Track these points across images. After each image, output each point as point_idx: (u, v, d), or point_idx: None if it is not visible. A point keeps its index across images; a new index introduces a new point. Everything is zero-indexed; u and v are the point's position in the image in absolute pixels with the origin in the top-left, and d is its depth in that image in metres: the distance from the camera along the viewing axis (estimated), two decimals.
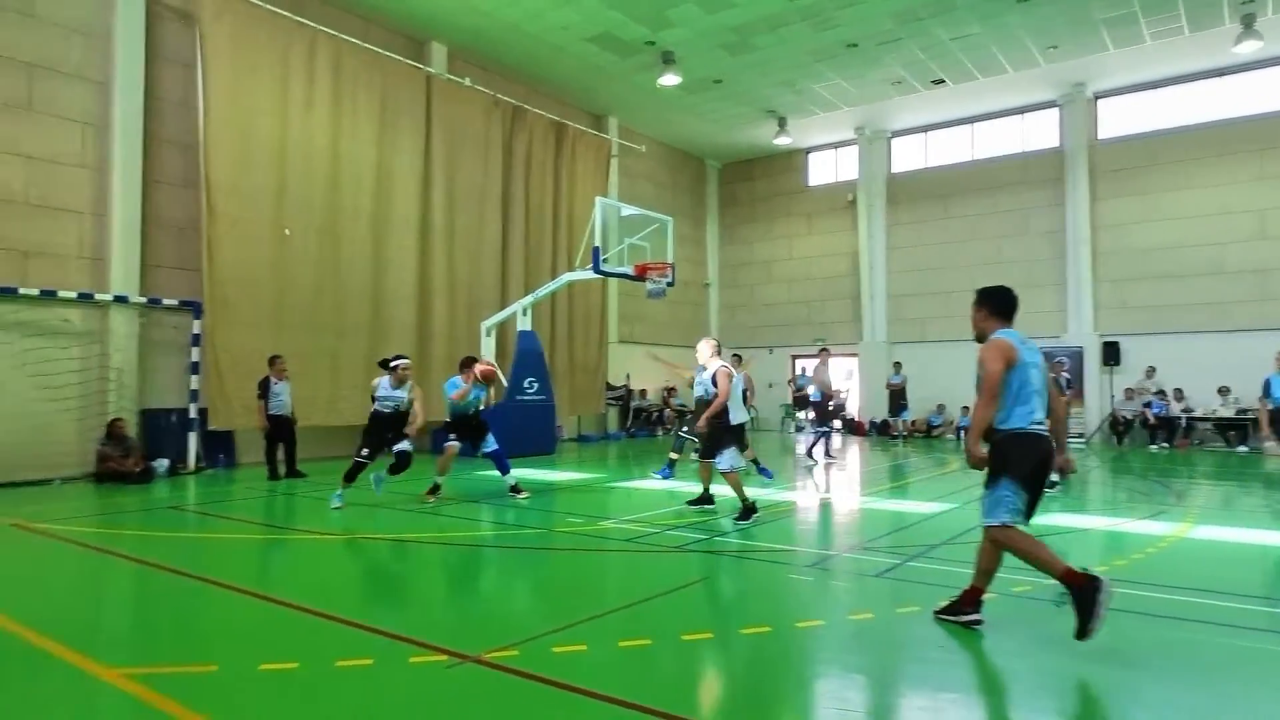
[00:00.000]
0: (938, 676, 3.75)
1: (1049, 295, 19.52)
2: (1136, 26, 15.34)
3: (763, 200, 24.30)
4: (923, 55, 16.64)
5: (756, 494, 8.89)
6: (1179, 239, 17.95)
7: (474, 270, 16.46)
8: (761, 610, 4.88)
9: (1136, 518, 8.18)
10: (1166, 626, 4.56)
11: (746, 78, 17.87)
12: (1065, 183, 19.21)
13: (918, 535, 7.18)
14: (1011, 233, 20.16)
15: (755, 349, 23.01)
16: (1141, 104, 18.73)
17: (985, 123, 20.76)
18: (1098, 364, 18.41)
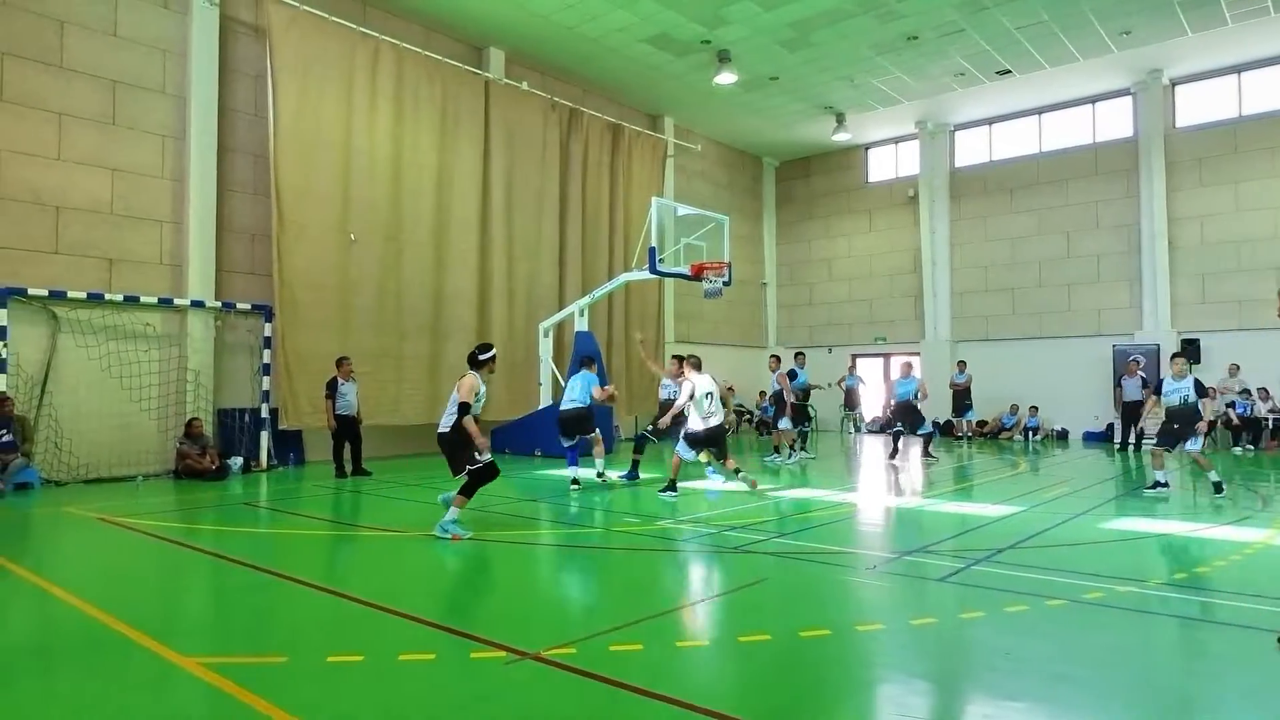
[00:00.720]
0: (1003, 684, 3.64)
1: (1121, 291, 18.77)
2: (1216, 6, 14.63)
3: (821, 198, 23.98)
4: (987, 45, 16.19)
5: (805, 494, 8.76)
6: (1263, 231, 17.07)
7: (532, 271, 16.66)
8: (820, 613, 4.82)
9: (1220, 523, 7.81)
10: (1249, 636, 4.34)
11: (804, 74, 17.66)
12: (1139, 174, 18.44)
13: (982, 539, 6.98)
14: (1082, 227, 19.45)
15: (814, 348, 22.71)
16: (1222, 89, 17.85)
17: (1053, 113, 20.07)
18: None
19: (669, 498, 9.27)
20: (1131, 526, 7.60)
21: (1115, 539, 7.05)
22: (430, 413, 14.54)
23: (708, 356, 22.71)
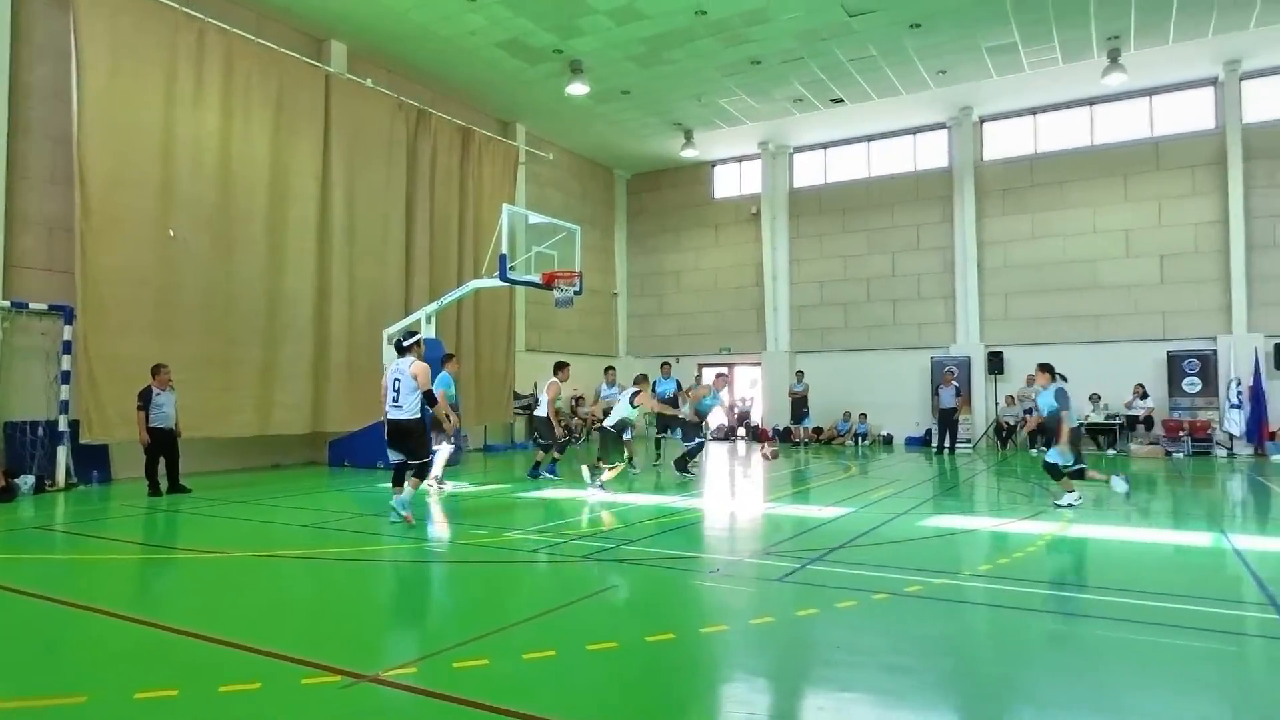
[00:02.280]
0: (837, 677, 3.85)
1: (939, 307, 20.50)
2: (1016, 55, 16.35)
3: (671, 211, 24.60)
4: (822, 74, 17.24)
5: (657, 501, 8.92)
6: (1057, 255, 19.20)
7: (376, 276, 15.98)
8: (666, 617, 4.90)
9: (1018, 518, 8.65)
10: (1049, 621, 4.83)
11: (655, 90, 18.08)
12: (954, 201, 20.25)
13: (817, 539, 7.37)
14: (906, 247, 21.09)
15: (664, 358, 23.21)
16: (1022, 128, 19.97)
17: (880, 141, 21.67)
18: (984, 372, 19.44)
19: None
20: (946, 523, 8.28)
21: (932, 535, 7.65)
22: (262, 424, 13.61)
23: None
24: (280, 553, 6.85)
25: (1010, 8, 14.28)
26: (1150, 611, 4.97)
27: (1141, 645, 4.31)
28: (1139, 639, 4.41)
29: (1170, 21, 14.93)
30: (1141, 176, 18.44)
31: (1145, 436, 17.34)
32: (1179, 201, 18.07)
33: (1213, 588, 5.68)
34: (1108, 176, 18.77)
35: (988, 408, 19.40)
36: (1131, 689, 3.66)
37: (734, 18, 14.60)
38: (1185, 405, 17.42)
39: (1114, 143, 18.82)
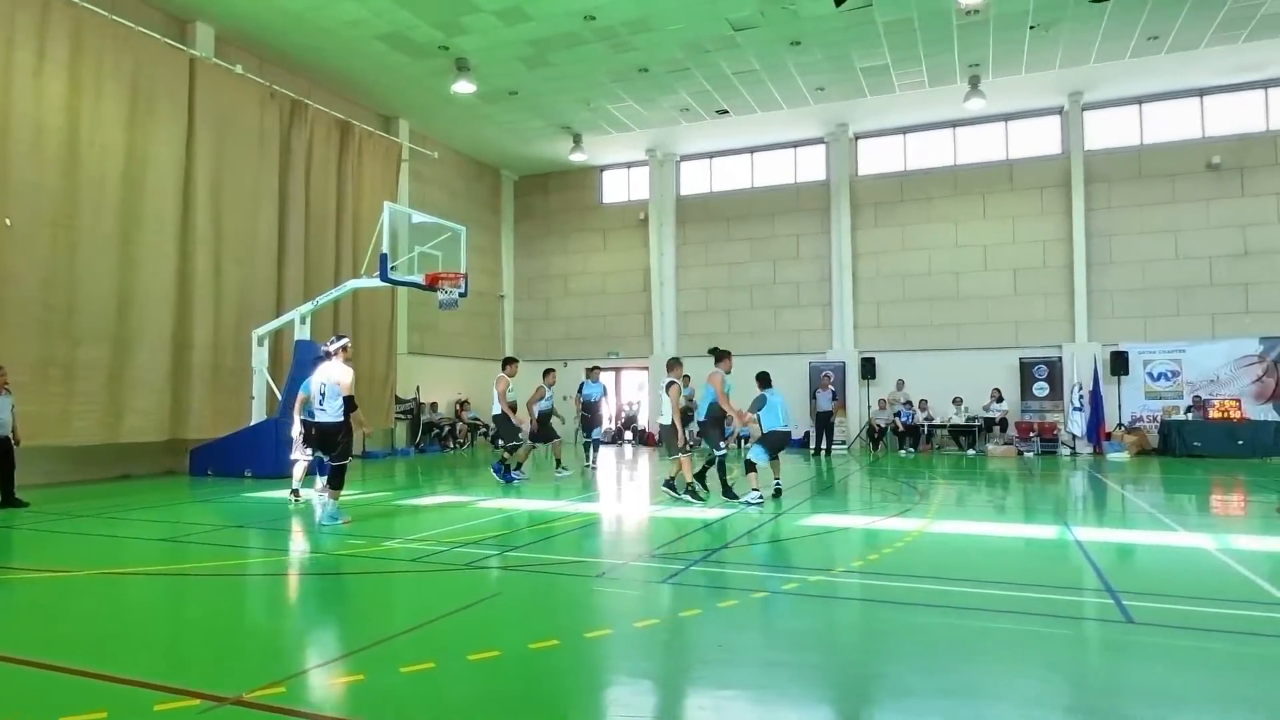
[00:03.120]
0: (718, 676, 3.92)
1: (816, 315, 21.35)
2: (888, 77, 17.27)
3: (559, 214, 24.51)
4: (708, 85, 17.63)
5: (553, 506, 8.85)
6: (923, 267, 20.38)
7: (245, 274, 15.11)
8: (551, 624, 4.86)
9: (888, 515, 9.11)
10: (916, 613, 5.09)
11: (543, 92, 17.98)
12: (831, 213, 21.15)
13: (701, 540, 7.51)
14: (786, 256, 21.84)
15: (551, 361, 23.07)
16: (893, 146, 21.11)
17: (763, 153, 22.38)
18: (858, 377, 20.38)
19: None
20: (822, 522, 8.61)
21: (809, 534, 7.94)
22: (111, 431, 12.59)
23: (443, 369, 22.17)
24: (131, 570, 6.35)
25: (882, 32, 15.06)
26: (1003, 600, 5.34)
27: (994, 632, 4.62)
28: (992, 626, 4.72)
29: (1023, 54, 16.16)
30: (998, 195, 19.86)
31: (1000, 437, 18.65)
32: (1030, 220, 19.57)
33: (1057, 577, 6.15)
34: (968, 194, 20.11)
35: (861, 411, 20.34)
36: (983, 673, 3.91)
37: (621, 25, 14.72)
38: (1035, 408, 18.87)
39: (974, 163, 20.18)
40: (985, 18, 14.52)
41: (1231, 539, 7.46)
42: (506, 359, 13.02)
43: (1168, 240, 18.47)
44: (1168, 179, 18.51)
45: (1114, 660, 4.20)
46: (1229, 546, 7.03)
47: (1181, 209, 18.37)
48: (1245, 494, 11.39)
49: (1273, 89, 17.99)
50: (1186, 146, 18.41)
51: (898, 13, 14.34)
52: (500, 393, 12.16)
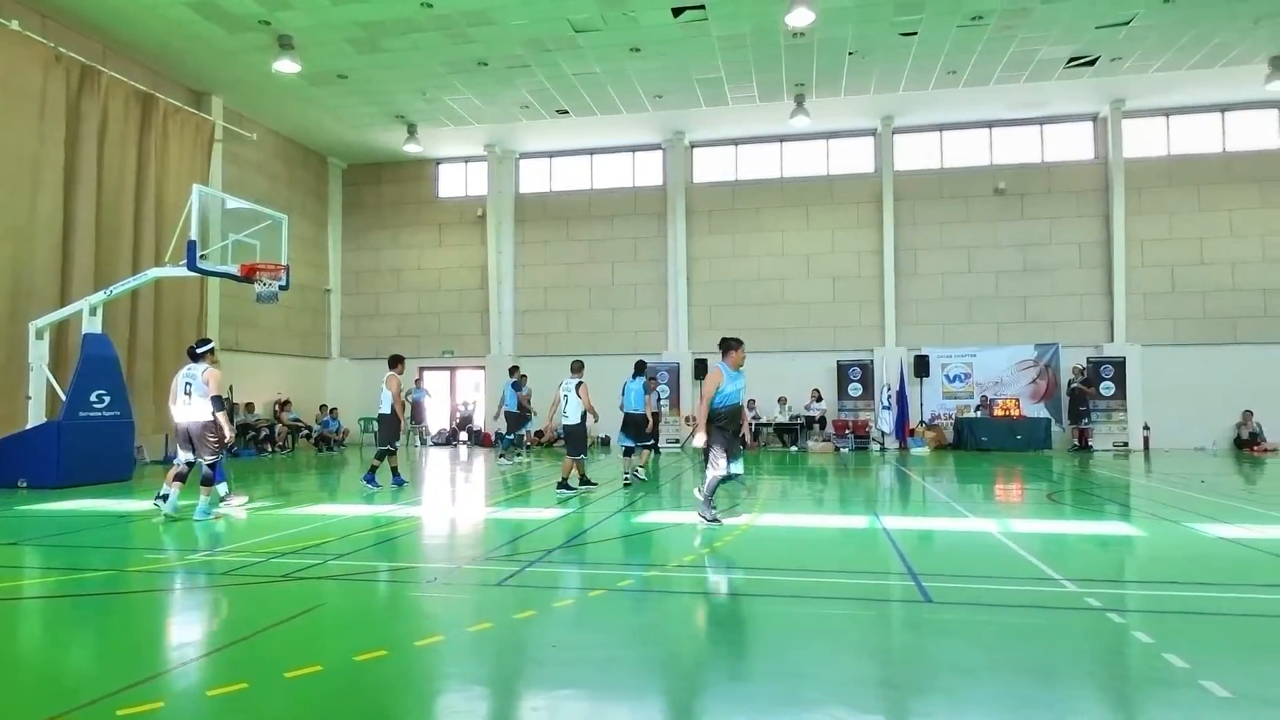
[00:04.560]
0: (554, 676, 3.90)
1: (653, 316, 21.86)
2: (722, 89, 17.98)
3: (392, 207, 23.54)
4: (548, 84, 17.58)
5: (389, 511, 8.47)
6: (753, 273, 21.40)
7: (21, 257, 13.35)
8: (378, 633, 4.65)
9: (718, 511, 9.45)
10: (745, 603, 5.32)
11: (375, 78, 17.19)
12: (667, 217, 21.73)
13: (537, 541, 7.46)
14: (624, 258, 22.19)
15: (382, 360, 22.11)
16: (726, 156, 22.01)
17: (603, 155, 22.61)
18: (691, 378, 21.05)
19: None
20: (657, 519, 8.81)
21: (645, 530, 8.10)
22: None
23: (261, 367, 20.69)
24: None
25: (717, 46, 15.66)
26: (822, 587, 5.70)
27: (814, 617, 4.92)
28: (812, 612, 5.03)
29: (843, 77, 17.36)
30: (820, 208, 21.22)
31: (820, 435, 19.93)
32: (847, 232, 21.06)
33: (868, 563, 6.65)
34: (793, 206, 21.34)
35: (693, 411, 21.01)
36: (805, 656, 4.15)
37: (460, 15, 14.36)
38: (850, 407, 20.32)
39: (800, 177, 21.45)
40: (810, 41, 15.46)
41: (1011, 523, 8.38)
42: (394, 357, 12.29)
43: (962, 256, 20.49)
44: (963, 200, 20.54)
45: (916, 637, 4.59)
46: (1009, 530, 7.89)
47: (974, 228, 20.44)
48: (1022, 483, 12.84)
49: (1047, 125, 20.44)
50: (978, 172, 20.52)
51: (731, 28, 14.96)
52: (395, 393, 11.74)
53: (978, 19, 14.70)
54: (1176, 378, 19.14)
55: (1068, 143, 20.44)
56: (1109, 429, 19.21)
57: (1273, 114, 19.45)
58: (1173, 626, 4.65)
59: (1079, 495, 11.32)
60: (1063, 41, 15.72)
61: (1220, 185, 19.47)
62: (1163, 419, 19.16)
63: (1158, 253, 19.63)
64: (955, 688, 3.70)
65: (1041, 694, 3.58)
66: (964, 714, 3.40)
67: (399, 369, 12.16)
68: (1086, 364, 19.32)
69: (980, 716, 3.38)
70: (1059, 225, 20.13)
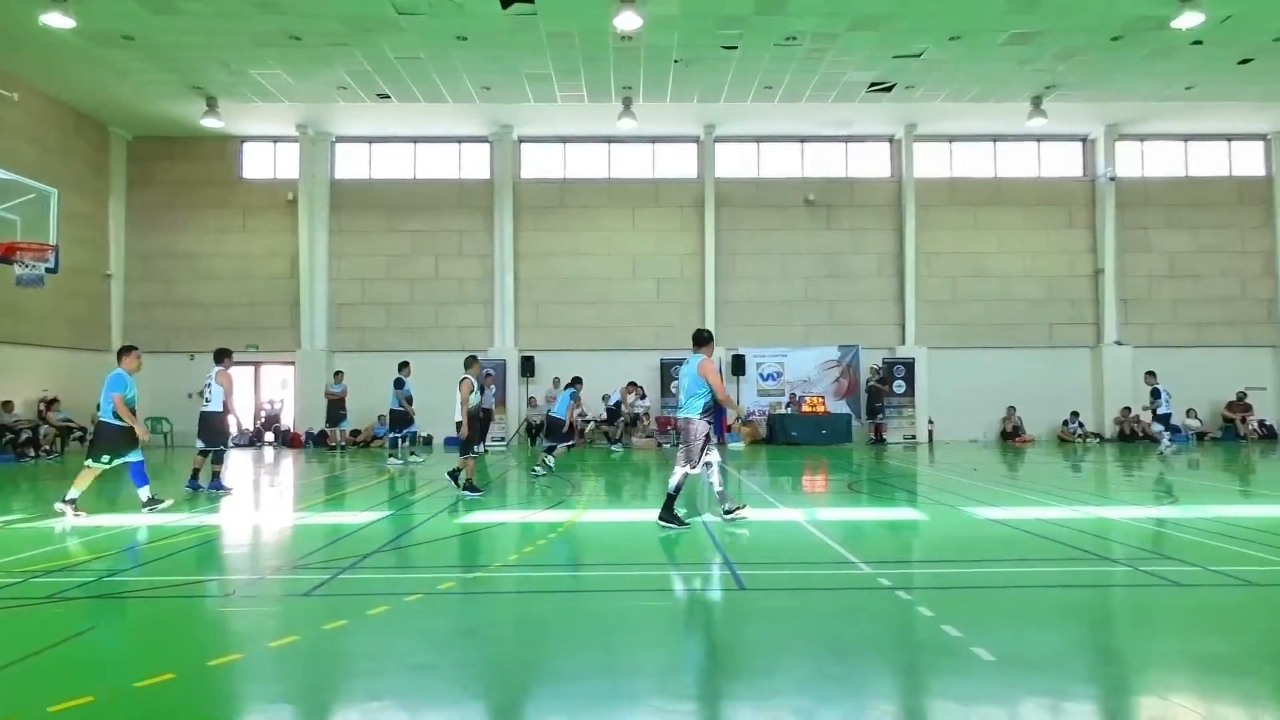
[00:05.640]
0: (366, 687, 3.71)
1: (478, 312, 21.43)
2: (551, 86, 17.93)
3: (188, 186, 21.45)
4: (368, 66, 16.74)
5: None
6: (580, 272, 21.53)
7: None
8: (164, 656, 4.21)
9: (542, 509, 9.44)
10: (568, 600, 5.32)
11: (169, 43, 15.59)
12: (494, 212, 21.37)
13: (350, 547, 7.08)
14: (449, 252, 21.59)
15: (174, 354, 20.12)
16: (555, 153, 21.99)
17: (427, 144, 21.86)
18: (517, 375, 20.85)
19: None
20: (479, 519, 8.64)
21: (467, 531, 7.92)
22: None
23: (24, 361, 18.20)
24: None
25: (546, 42, 15.59)
26: (644, 580, 5.83)
27: (637, 610, 5.02)
28: (635, 605, 5.13)
29: (669, 84, 17.86)
30: (646, 210, 21.72)
31: (643, 431, 20.39)
32: (672, 235, 21.71)
33: (687, 554, 6.87)
34: (620, 207, 21.70)
35: (520, 408, 20.85)
36: (628, 649, 4.23)
37: None
38: (672, 404, 20.90)
39: (627, 178, 21.84)
40: (638, 45, 15.77)
41: (816, 512, 9.00)
42: (221, 351, 11.11)
43: (776, 261, 21.74)
44: (778, 209, 21.79)
45: (732, 622, 4.81)
46: (814, 518, 8.47)
47: (787, 236, 21.75)
48: (827, 474, 13.83)
49: (851, 143, 22.13)
50: (791, 183, 21.85)
51: (560, 26, 14.95)
52: (227, 390, 10.66)
53: (792, 39, 15.64)
54: (956, 378, 21.37)
55: (869, 161, 22.25)
56: (900, 424, 21.12)
57: (1033, 147, 22.21)
58: (950, 600, 5.18)
59: (874, 484, 12.35)
60: (865, 67, 17.07)
61: (992, 207, 21.95)
62: (944, 414, 21.32)
63: (942, 265, 21.82)
64: (766, 668, 3.90)
65: (842, 669, 3.86)
66: (774, 693, 3.60)
67: (228, 363, 11.10)
68: (882, 364, 21.13)
69: (788, 693, 3.59)
70: (861, 236, 21.85)
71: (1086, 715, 3.42)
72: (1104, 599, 5.45)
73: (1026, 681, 3.65)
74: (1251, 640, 4.37)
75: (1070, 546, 6.75)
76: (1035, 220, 21.93)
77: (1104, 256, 21.50)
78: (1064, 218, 21.93)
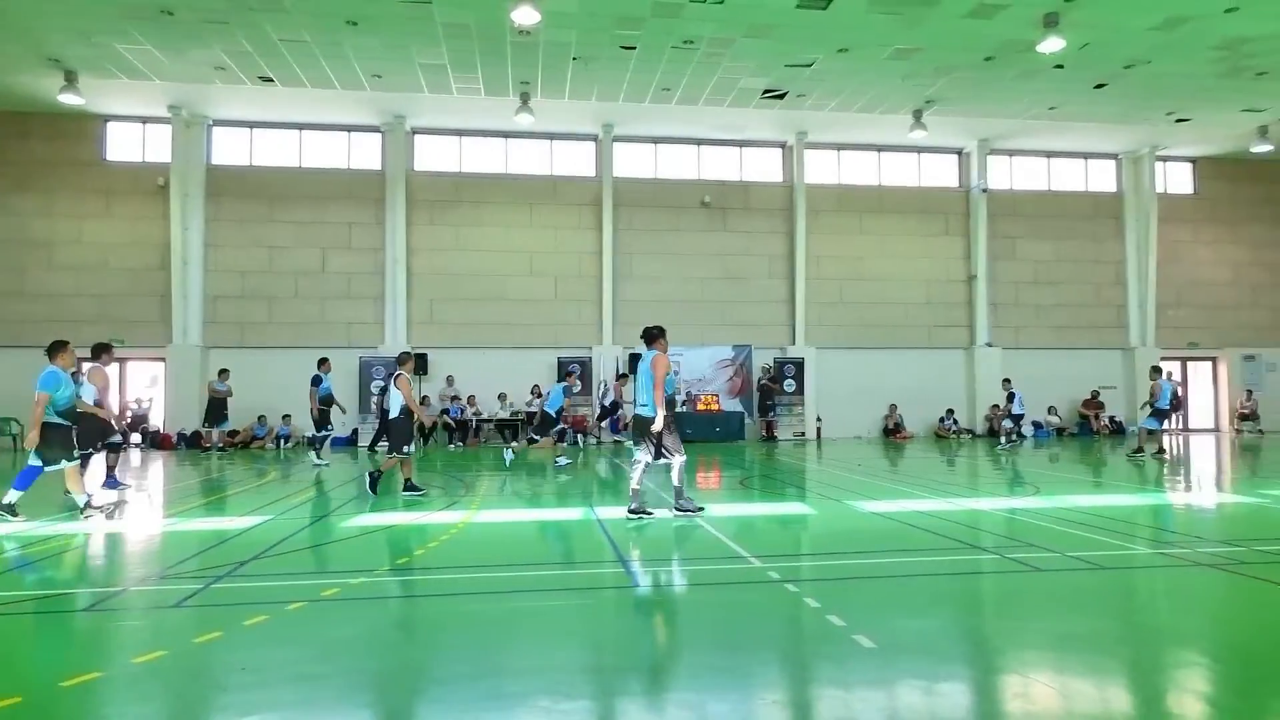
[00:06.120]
0: (242, 701, 3.52)
1: (368, 308, 20.72)
2: (446, 77, 17.53)
3: (42, 166, 19.78)
4: (250, 47, 15.89)
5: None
6: (475, 268, 21.15)
7: None
8: (10, 677, 3.86)
9: (435, 510, 9.22)
10: (460, 603, 5.21)
11: (19, 10, 14.33)
12: (386, 204, 20.70)
13: (226, 554, 6.70)
14: (337, 245, 20.77)
15: (25, 349, 18.46)
16: (450, 146, 21.51)
17: (314, 132, 20.96)
18: (410, 372, 20.24)
19: None
20: (368, 522, 8.35)
21: (354, 535, 7.64)
22: None
23: None
24: None
25: (441, 32, 15.23)
26: (539, 580, 5.78)
27: (531, 611, 4.97)
28: (529, 606, 5.08)
29: (567, 81, 17.79)
30: (544, 207, 21.56)
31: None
32: (570, 232, 21.64)
33: (582, 553, 6.88)
34: (518, 203, 21.45)
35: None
36: (520, 650, 4.18)
37: None
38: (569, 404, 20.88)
39: (525, 174, 21.61)
40: (536, 40, 15.62)
41: (710, 507, 9.16)
42: (99, 346, 10.50)
43: (673, 262, 22.01)
44: (675, 210, 22.07)
45: (623, 621, 4.83)
46: (708, 514, 8.62)
47: (684, 237, 22.06)
48: (720, 471, 14.12)
49: (746, 148, 22.66)
50: (688, 185, 22.17)
51: (456, 16, 14.64)
52: (102, 387, 10.08)
53: (689, 43, 15.87)
54: (843, 377, 22.25)
55: (762, 165, 22.85)
56: (790, 421, 21.81)
57: (914, 157, 23.37)
58: (835, 591, 5.39)
59: (765, 480, 12.70)
60: (759, 74, 17.52)
61: (877, 214, 22.97)
62: (832, 412, 22.17)
63: (830, 268, 22.67)
64: (658, 664, 3.94)
65: (730, 661, 3.94)
66: (665, 688, 3.64)
67: (106, 359, 10.41)
68: (773, 364, 21.76)
69: (679, 688, 3.63)
70: (754, 239, 22.42)
71: (956, 695, 3.62)
72: (974, 585, 5.80)
73: (903, 666, 3.83)
74: (1100, 620, 4.75)
75: (944, 537, 7.15)
76: (915, 228, 23.09)
77: (976, 263, 22.88)
78: (941, 226, 23.19)
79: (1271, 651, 4.15)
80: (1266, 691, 3.60)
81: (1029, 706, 3.42)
